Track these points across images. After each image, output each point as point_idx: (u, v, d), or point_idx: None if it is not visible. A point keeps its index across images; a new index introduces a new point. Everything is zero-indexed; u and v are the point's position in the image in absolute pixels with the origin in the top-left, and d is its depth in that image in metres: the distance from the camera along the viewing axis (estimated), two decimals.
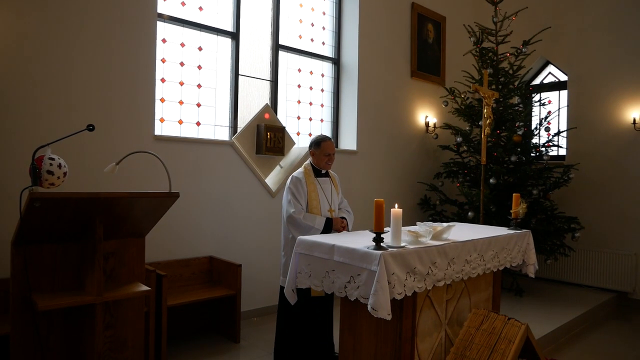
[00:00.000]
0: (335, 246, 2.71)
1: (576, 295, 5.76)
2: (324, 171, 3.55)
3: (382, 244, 2.58)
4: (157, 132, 4.18)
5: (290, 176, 3.44)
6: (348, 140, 5.79)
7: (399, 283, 2.53)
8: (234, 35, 4.76)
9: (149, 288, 2.13)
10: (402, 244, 2.68)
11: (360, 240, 2.76)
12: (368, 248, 2.56)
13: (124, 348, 2.20)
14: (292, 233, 3.34)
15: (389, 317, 2.41)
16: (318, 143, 3.45)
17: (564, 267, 6.35)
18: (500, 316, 2.95)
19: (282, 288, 3.35)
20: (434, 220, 6.14)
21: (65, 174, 2.02)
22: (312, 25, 5.58)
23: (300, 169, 3.49)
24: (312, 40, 5.57)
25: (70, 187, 3.28)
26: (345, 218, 3.56)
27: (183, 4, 4.41)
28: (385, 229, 2.69)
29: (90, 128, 2.27)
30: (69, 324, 2.09)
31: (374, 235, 2.58)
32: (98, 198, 1.87)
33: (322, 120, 5.73)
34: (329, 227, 3.38)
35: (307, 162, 3.54)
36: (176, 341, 3.87)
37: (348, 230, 3.55)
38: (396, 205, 2.68)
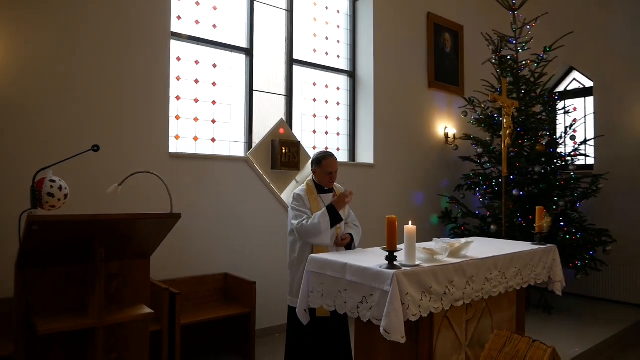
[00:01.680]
0: (347, 265, 2.62)
1: (609, 313, 5.48)
2: (326, 188, 3.42)
3: (395, 263, 2.48)
4: (173, 149, 4.19)
5: (293, 193, 3.35)
6: (365, 154, 5.70)
7: (413, 304, 2.42)
8: (248, 52, 4.76)
9: (151, 311, 2.08)
10: (417, 262, 2.57)
11: (374, 259, 2.66)
12: (381, 267, 2.46)
13: None
14: (309, 242, 3.19)
15: (402, 341, 2.30)
16: (319, 161, 3.32)
17: (595, 282, 6.06)
18: (525, 338, 2.80)
19: (289, 308, 3.27)
20: (456, 234, 5.99)
21: (66, 195, 2.01)
22: (327, 38, 5.55)
23: (303, 186, 3.38)
24: (326, 53, 5.54)
25: (83, 207, 3.30)
26: (351, 234, 3.43)
27: (197, 22, 4.44)
28: (400, 246, 2.59)
29: (95, 149, 2.26)
30: (72, 345, 2.05)
31: (387, 254, 2.48)
32: (97, 220, 1.84)
33: (338, 134, 5.67)
34: (333, 210, 3.18)
35: (310, 178, 3.44)
36: None
37: (353, 243, 3.42)
38: (410, 222, 2.57)
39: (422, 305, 2.48)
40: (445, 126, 6.55)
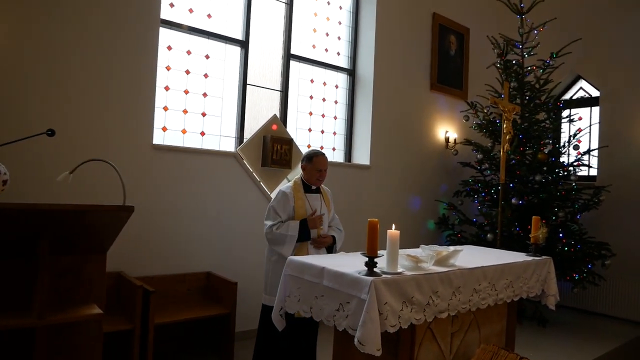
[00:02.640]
0: (325, 269, 2.47)
1: (606, 328, 5.30)
2: (314, 187, 3.38)
3: (375, 270, 2.33)
4: (159, 141, 4.06)
5: (278, 190, 3.31)
6: (361, 155, 5.55)
7: (392, 314, 2.26)
8: (244, 44, 4.62)
9: (101, 311, 1.93)
10: (399, 270, 2.42)
11: (355, 264, 2.51)
12: (359, 273, 2.31)
13: None
14: (273, 249, 3.20)
15: (378, 353, 2.14)
16: (310, 158, 3.32)
17: (593, 296, 5.88)
18: (512, 354, 2.63)
19: (263, 306, 3.26)
20: (452, 241, 5.82)
21: (5, 182, 1.86)
22: (327, 35, 5.40)
23: (290, 184, 3.35)
24: (326, 50, 5.39)
25: (57, 199, 3.17)
26: (333, 236, 3.39)
27: (191, 10, 4.30)
28: (382, 252, 2.44)
29: (49, 133, 2.12)
30: (17, 345, 1.91)
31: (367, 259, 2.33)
32: (37, 210, 1.69)
33: (334, 133, 5.52)
34: (305, 227, 3.17)
35: (298, 176, 3.39)
36: None
37: (334, 247, 3.41)
38: (393, 227, 2.42)
39: (402, 316, 2.32)
40: (446, 130, 6.39)
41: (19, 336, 1.90)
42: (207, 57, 4.40)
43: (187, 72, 4.28)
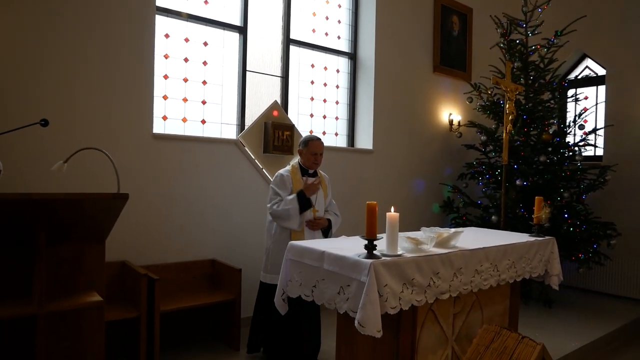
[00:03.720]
0: (325, 253, 2.48)
1: (611, 307, 5.29)
2: (311, 171, 3.50)
3: (375, 252, 2.33)
4: (160, 130, 4.07)
5: (276, 173, 3.46)
6: (364, 139, 5.52)
7: (392, 296, 2.27)
8: (242, 30, 4.59)
9: (101, 299, 1.96)
10: (399, 252, 2.42)
11: (355, 247, 2.51)
12: (359, 256, 2.31)
13: None
14: (283, 225, 3.35)
15: (378, 335, 2.16)
16: (306, 142, 3.47)
17: (598, 276, 5.87)
18: (514, 334, 2.64)
19: (261, 283, 3.47)
20: (457, 224, 5.80)
21: None
22: (327, 18, 5.34)
23: (287, 167, 3.49)
24: (326, 34, 5.34)
25: (56, 189, 3.19)
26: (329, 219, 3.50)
27: None
28: (382, 235, 2.44)
29: (42, 123, 2.12)
30: (21, 333, 1.94)
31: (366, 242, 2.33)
32: (31, 200, 1.70)
33: (337, 118, 5.49)
34: (303, 197, 3.30)
35: (295, 160, 3.52)
36: (174, 348, 3.72)
37: (330, 231, 3.53)
38: (392, 209, 2.42)
39: (402, 298, 2.33)
40: (449, 112, 6.33)
41: (22, 325, 1.93)
42: (205, 44, 4.37)
43: (186, 59, 4.26)
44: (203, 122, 4.38)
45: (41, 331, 1.78)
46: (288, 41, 4.95)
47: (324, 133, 5.36)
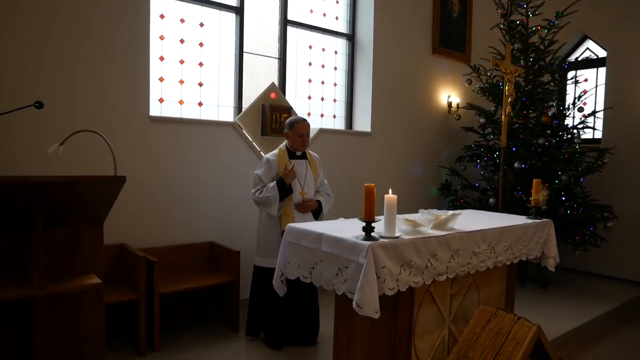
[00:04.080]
0: (323, 235, 2.49)
1: (606, 289, 5.34)
2: (299, 153, 3.53)
3: (373, 234, 2.34)
4: (156, 112, 4.04)
5: (263, 157, 3.50)
6: (362, 122, 5.49)
7: (390, 277, 2.29)
8: (238, 10, 4.52)
9: (100, 281, 1.96)
10: (397, 234, 2.43)
11: (352, 230, 2.52)
12: (357, 238, 2.32)
13: (82, 343, 2.06)
14: (265, 212, 3.41)
15: (376, 316, 2.18)
16: (291, 124, 3.48)
17: (594, 258, 5.92)
18: (509, 314, 2.67)
19: (255, 267, 3.53)
20: (455, 207, 5.81)
21: None
22: None
23: (275, 151, 3.50)
24: (324, 14, 5.27)
25: (53, 172, 3.18)
26: (319, 201, 3.52)
27: None
28: (380, 217, 2.45)
29: (37, 105, 2.10)
30: (20, 316, 1.95)
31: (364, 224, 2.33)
32: (26, 182, 1.69)
33: (335, 100, 5.46)
34: (283, 185, 3.32)
35: (283, 144, 3.54)
36: (174, 330, 3.75)
37: (322, 212, 3.55)
38: (390, 191, 2.41)
39: (400, 279, 2.35)
40: (448, 95, 6.29)
41: (22, 308, 1.94)
42: (201, 25, 4.31)
43: (182, 41, 4.20)
44: (200, 104, 4.35)
45: (41, 314, 1.79)
46: (285, 22, 4.89)
47: (321, 115, 5.33)
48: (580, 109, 5.51)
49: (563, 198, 5.12)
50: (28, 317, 1.89)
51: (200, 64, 4.32)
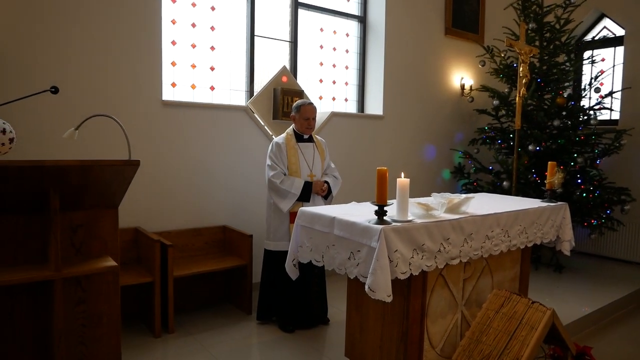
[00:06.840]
0: (335, 219, 2.49)
1: (622, 273, 5.28)
2: (306, 136, 3.56)
3: (385, 218, 2.33)
4: (169, 97, 4.04)
5: (272, 141, 3.51)
6: (374, 105, 5.44)
7: (403, 261, 2.28)
8: None
9: (115, 264, 1.99)
10: (410, 218, 2.42)
11: (365, 213, 2.51)
12: (369, 222, 2.32)
13: (98, 324, 2.11)
14: (272, 198, 3.43)
15: (388, 299, 2.18)
16: (298, 107, 3.51)
17: (611, 241, 5.85)
18: (524, 299, 2.65)
19: (265, 251, 3.56)
20: (468, 190, 5.77)
21: (11, 140, 1.88)
22: None
23: (283, 135, 3.54)
24: None
25: (68, 156, 3.22)
26: (327, 182, 3.53)
27: None
28: (392, 200, 2.43)
29: (53, 90, 2.11)
30: (38, 298, 1.99)
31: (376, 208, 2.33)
32: (43, 166, 1.71)
33: (346, 84, 5.41)
34: (308, 190, 3.38)
35: (290, 127, 3.57)
36: (187, 312, 3.81)
37: (331, 194, 3.57)
38: (402, 175, 2.40)
39: (412, 263, 2.34)
40: (461, 77, 6.20)
41: (39, 290, 1.98)
42: (212, 8, 4.28)
43: (193, 25, 4.18)
44: (212, 88, 4.34)
45: (58, 295, 1.84)
46: (296, 5, 4.83)
47: (333, 99, 5.29)
48: (597, 90, 5.39)
49: (579, 181, 5.04)
50: (46, 299, 1.93)
51: (212, 48, 4.30)
